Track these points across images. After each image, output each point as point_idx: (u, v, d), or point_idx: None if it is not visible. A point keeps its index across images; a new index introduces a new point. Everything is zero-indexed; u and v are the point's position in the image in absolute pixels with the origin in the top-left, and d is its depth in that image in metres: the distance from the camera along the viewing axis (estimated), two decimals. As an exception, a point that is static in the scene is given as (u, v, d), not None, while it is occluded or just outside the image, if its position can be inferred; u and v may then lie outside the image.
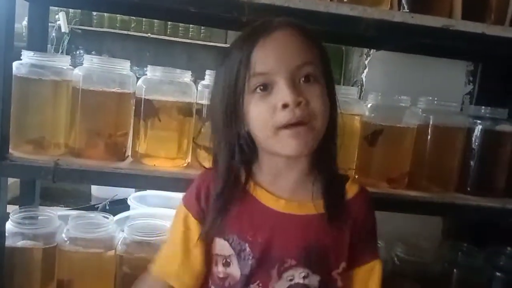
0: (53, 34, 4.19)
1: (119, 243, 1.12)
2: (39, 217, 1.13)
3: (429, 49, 1.17)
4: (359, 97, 1.30)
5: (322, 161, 0.73)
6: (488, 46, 1.05)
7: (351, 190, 0.77)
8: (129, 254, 1.10)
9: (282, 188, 0.73)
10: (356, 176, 1.11)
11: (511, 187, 1.16)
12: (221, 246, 0.72)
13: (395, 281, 1.18)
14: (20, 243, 1.06)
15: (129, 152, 1.08)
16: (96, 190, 2.23)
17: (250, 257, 0.70)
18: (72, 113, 1.04)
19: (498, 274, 1.24)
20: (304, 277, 0.70)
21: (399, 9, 1.02)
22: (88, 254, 1.09)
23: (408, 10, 1.02)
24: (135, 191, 1.88)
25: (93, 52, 4.51)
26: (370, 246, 0.78)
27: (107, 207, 1.97)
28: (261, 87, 0.67)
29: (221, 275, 0.73)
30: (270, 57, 0.67)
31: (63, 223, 1.14)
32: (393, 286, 1.18)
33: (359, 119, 1.11)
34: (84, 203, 2.00)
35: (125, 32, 4.32)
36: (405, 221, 1.27)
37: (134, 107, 1.06)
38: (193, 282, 0.76)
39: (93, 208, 1.95)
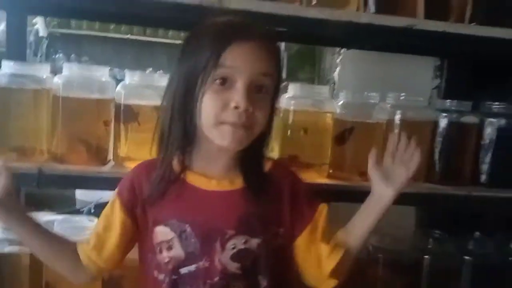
0: (31, 38, 4.16)
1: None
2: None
3: (398, 46, 1.23)
4: (333, 95, 1.35)
5: (249, 154, 0.81)
6: (450, 43, 1.11)
7: (267, 164, 0.85)
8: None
9: (213, 170, 0.81)
10: (331, 171, 1.17)
11: (476, 176, 1.23)
12: (162, 232, 0.79)
13: (370, 268, 1.24)
14: (7, 249, 1.09)
15: (110, 156, 1.12)
16: (81, 194, 2.23)
17: (193, 236, 0.77)
18: (53, 120, 1.07)
19: (467, 258, 1.31)
20: (244, 243, 0.78)
21: (365, 11, 1.08)
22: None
23: (374, 11, 1.07)
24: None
25: (72, 56, 4.49)
26: (309, 201, 0.86)
27: (92, 211, 1.98)
28: (221, 80, 0.73)
29: (166, 260, 0.79)
30: (241, 57, 0.73)
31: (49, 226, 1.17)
32: (368, 274, 1.25)
33: (331, 116, 1.17)
34: (69, 207, 2.01)
35: (104, 34, 4.32)
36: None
37: (113, 112, 1.10)
38: (101, 261, 0.83)
39: (78, 212, 1.96)
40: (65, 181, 1.01)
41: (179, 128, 0.77)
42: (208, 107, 0.73)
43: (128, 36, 4.29)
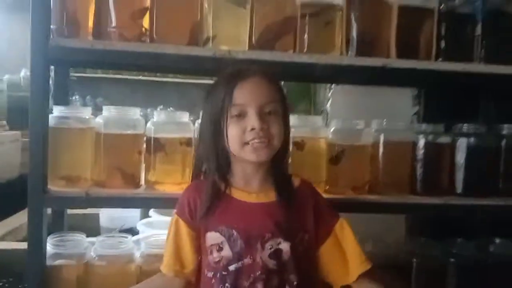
0: (50, 83, 4.47)
1: (138, 256, 1.36)
2: (69, 240, 1.37)
3: (381, 80, 1.45)
4: (326, 123, 1.58)
5: (277, 165, 1.03)
6: (419, 77, 1.35)
7: (295, 182, 1.06)
8: (147, 265, 1.34)
9: (251, 186, 1.01)
10: (327, 187, 1.38)
11: (452, 187, 1.43)
12: (213, 237, 0.98)
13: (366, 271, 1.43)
14: (57, 262, 1.30)
15: (142, 181, 1.34)
16: (105, 222, 2.45)
17: (238, 239, 0.97)
18: (95, 152, 1.30)
19: (451, 260, 1.49)
20: (278, 244, 0.97)
21: (347, 54, 1.31)
22: (114, 268, 1.33)
23: (354, 55, 1.31)
24: (140, 219, 2.12)
25: (88, 97, 4.79)
26: (329, 212, 1.06)
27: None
28: (238, 115, 0.96)
29: (216, 260, 0.97)
30: (246, 95, 0.96)
31: (90, 244, 1.38)
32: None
33: (324, 141, 1.39)
34: (94, 235, 2.22)
35: (118, 76, 4.61)
36: (375, 222, 1.52)
37: (145, 144, 1.33)
38: (186, 270, 1.02)
39: (104, 238, 2.17)
40: (107, 202, 1.24)
41: (213, 155, 0.99)
42: (232, 135, 0.95)
43: (140, 77, 4.58)
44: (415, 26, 1.35)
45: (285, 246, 0.97)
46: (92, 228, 2.58)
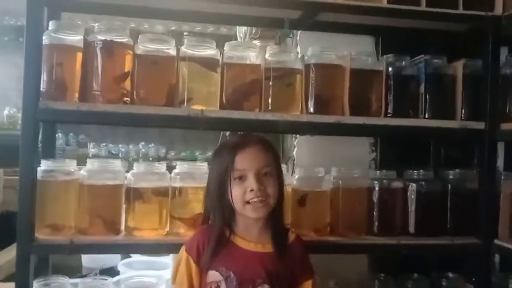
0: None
1: (118, 298, 1.47)
2: (53, 284, 1.47)
3: (336, 133, 1.62)
4: (293, 169, 1.74)
5: (274, 219, 1.20)
6: (370, 131, 1.52)
7: (291, 237, 1.24)
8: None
9: (251, 235, 1.18)
10: (293, 229, 1.52)
11: (404, 227, 1.59)
12: (214, 275, 1.14)
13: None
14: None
15: (122, 227, 1.46)
16: (86, 262, 2.53)
17: (234, 280, 1.13)
18: (79, 202, 1.42)
19: (409, 295, 1.64)
20: None
21: (306, 112, 1.48)
22: (95, 309, 1.43)
23: (312, 112, 1.48)
24: (121, 259, 2.22)
25: (70, 134, 4.88)
26: (306, 270, 1.23)
27: (98, 275, 2.27)
28: (239, 177, 1.14)
29: None
30: (246, 161, 1.15)
31: (72, 287, 1.48)
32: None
33: (290, 187, 1.54)
34: (76, 274, 2.30)
35: (100, 114, 4.70)
36: (337, 260, 1.66)
37: (124, 194, 1.46)
38: None
39: (85, 277, 2.25)
40: (90, 248, 1.35)
41: (219, 209, 1.17)
42: (235, 195, 1.14)
43: (122, 115, 4.67)
44: (366, 86, 1.54)
45: None
46: (74, 267, 2.66)
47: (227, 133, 3.20)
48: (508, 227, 1.56)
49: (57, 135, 4.89)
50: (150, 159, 4.34)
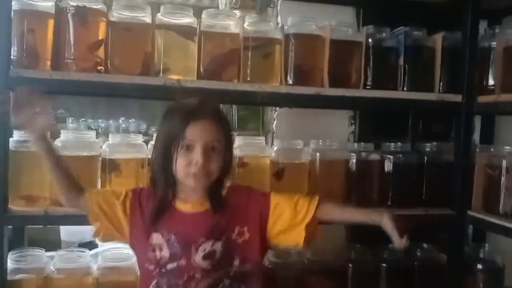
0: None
1: (96, 269, 1.46)
2: (29, 256, 1.45)
3: (316, 105, 1.62)
4: (272, 142, 1.73)
5: (215, 187, 1.16)
6: (349, 103, 1.52)
7: (224, 191, 1.19)
8: (104, 277, 1.45)
9: (191, 199, 1.16)
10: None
11: (380, 198, 1.61)
12: (157, 238, 1.13)
13: (305, 276, 1.59)
14: (18, 276, 1.38)
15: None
16: (64, 236, 2.52)
17: (176, 242, 1.12)
18: (54, 173, 1.39)
19: (382, 265, 1.67)
20: (211, 246, 1.12)
21: (286, 83, 1.47)
22: (72, 280, 1.42)
23: (291, 83, 1.47)
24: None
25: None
26: (261, 195, 1.20)
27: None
28: (186, 147, 1.10)
29: (157, 257, 1.12)
30: (196, 132, 1.10)
31: (49, 259, 1.47)
32: (305, 281, 1.59)
33: (268, 159, 1.54)
34: (55, 248, 2.28)
35: (79, 88, 4.61)
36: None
37: (100, 165, 1.44)
38: (95, 199, 1.17)
39: (64, 251, 2.24)
40: (65, 220, 1.33)
41: (163, 176, 1.14)
42: (179, 165, 1.09)
43: (102, 89, 4.59)
44: (346, 57, 1.53)
45: (217, 246, 1.12)
46: (53, 242, 2.64)
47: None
48: (482, 199, 1.60)
49: (34, 109, 4.79)
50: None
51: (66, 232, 2.51)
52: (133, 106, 4.62)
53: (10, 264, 1.38)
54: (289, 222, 1.17)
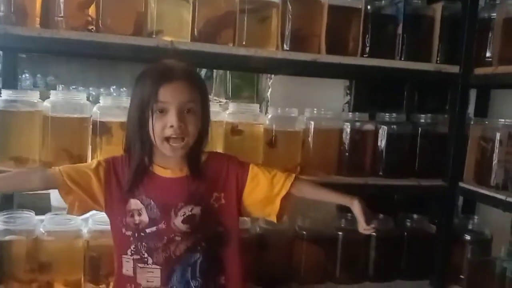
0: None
1: (86, 232, 1.45)
2: (18, 217, 1.44)
3: (312, 72, 1.60)
4: (266, 110, 1.71)
5: (193, 153, 1.15)
6: (346, 71, 1.50)
7: (203, 157, 1.19)
8: (94, 240, 1.44)
9: (169, 164, 1.14)
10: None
11: (373, 168, 1.61)
12: (135, 203, 1.12)
13: (296, 243, 1.60)
14: (7, 237, 1.37)
15: (89, 161, 1.42)
16: (55, 201, 2.50)
17: (155, 207, 1.11)
18: (43, 135, 1.37)
19: (372, 234, 1.68)
20: (191, 210, 1.12)
21: (282, 48, 1.44)
22: (62, 243, 1.42)
23: (287, 49, 1.44)
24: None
25: (38, 75, 4.69)
26: (240, 165, 1.20)
27: (67, 215, 2.24)
28: (160, 110, 1.07)
29: (136, 222, 1.12)
30: (169, 94, 1.07)
31: (39, 222, 1.46)
32: (295, 247, 1.60)
33: (261, 127, 1.52)
34: (45, 213, 2.26)
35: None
36: (307, 201, 1.67)
37: (91, 127, 1.41)
38: (72, 185, 1.12)
39: (54, 217, 2.22)
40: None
41: (138, 140, 1.11)
42: (155, 128, 1.07)
43: (93, 56, 4.51)
44: (344, 24, 1.50)
45: (196, 210, 1.13)
46: (43, 208, 2.62)
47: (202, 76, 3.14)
48: (473, 171, 1.60)
49: (23, 76, 4.72)
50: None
51: (57, 198, 2.48)
52: (125, 75, 4.54)
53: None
54: (264, 194, 1.19)
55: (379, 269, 1.70)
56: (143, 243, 1.11)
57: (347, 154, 1.60)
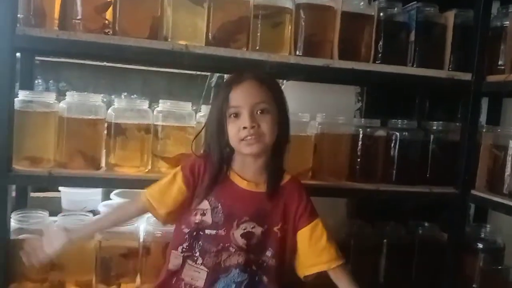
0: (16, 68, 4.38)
1: (98, 233, 1.46)
2: (32, 216, 1.45)
3: (324, 78, 1.61)
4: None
5: (273, 160, 1.17)
6: (358, 77, 1.51)
7: (285, 178, 1.20)
8: (106, 241, 1.45)
9: (247, 174, 1.16)
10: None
11: (384, 174, 1.61)
12: (204, 203, 1.13)
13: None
14: (21, 236, 1.39)
15: (103, 163, 1.44)
16: (66, 204, 2.52)
17: (221, 212, 1.12)
18: (58, 135, 1.39)
19: (384, 241, 1.68)
20: (252, 228, 1.12)
21: (295, 54, 1.45)
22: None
23: (300, 54, 1.45)
24: (102, 201, 2.21)
25: (50, 81, 4.75)
26: (307, 213, 1.18)
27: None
28: (234, 115, 1.10)
29: (197, 221, 1.13)
30: (239, 98, 1.10)
31: (52, 221, 1.47)
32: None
33: (274, 131, 1.53)
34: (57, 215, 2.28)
35: (82, 62, 4.56)
36: (318, 207, 1.68)
37: (106, 129, 1.43)
38: (160, 206, 1.15)
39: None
40: (69, 181, 1.33)
41: (217, 145, 1.13)
42: (231, 132, 1.10)
43: (104, 63, 4.54)
44: (356, 31, 1.51)
45: (257, 230, 1.13)
46: (54, 211, 2.64)
47: (212, 83, 3.16)
48: (485, 178, 1.59)
49: (37, 81, 4.76)
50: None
51: (67, 201, 2.50)
52: (136, 82, 4.59)
53: (13, 223, 1.39)
54: (306, 253, 1.17)
55: (390, 276, 1.68)
56: (199, 242, 1.13)
57: (358, 159, 1.60)
